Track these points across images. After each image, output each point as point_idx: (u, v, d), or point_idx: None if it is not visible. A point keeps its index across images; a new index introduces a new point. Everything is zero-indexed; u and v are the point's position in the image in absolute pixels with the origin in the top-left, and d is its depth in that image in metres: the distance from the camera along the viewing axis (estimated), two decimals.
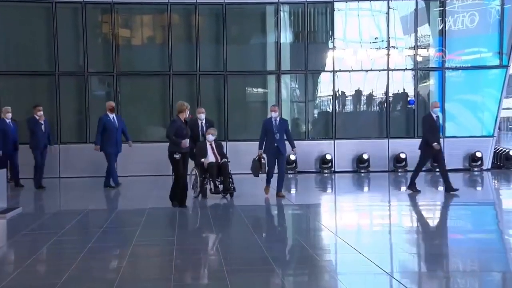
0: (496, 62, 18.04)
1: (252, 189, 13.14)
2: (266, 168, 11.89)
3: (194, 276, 6.47)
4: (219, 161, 11.95)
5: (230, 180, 11.91)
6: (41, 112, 14.19)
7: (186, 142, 10.69)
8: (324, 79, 18.61)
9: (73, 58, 17.79)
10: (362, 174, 17.10)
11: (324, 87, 18.63)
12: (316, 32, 19.02)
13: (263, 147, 11.97)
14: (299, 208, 10.39)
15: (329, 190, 14.72)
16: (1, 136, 14.22)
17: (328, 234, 8.66)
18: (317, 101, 18.94)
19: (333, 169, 17.57)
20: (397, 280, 6.16)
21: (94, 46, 17.88)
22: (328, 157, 17.54)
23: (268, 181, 12.13)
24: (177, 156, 10.66)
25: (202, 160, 11.90)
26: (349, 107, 18.93)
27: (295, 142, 12.40)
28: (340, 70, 18.22)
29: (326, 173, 17.27)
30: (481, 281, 6.21)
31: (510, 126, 62.53)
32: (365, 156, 17.33)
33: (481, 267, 6.77)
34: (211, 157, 11.95)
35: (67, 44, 17.55)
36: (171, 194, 10.97)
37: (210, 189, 11.99)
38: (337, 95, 18.31)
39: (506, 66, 17.94)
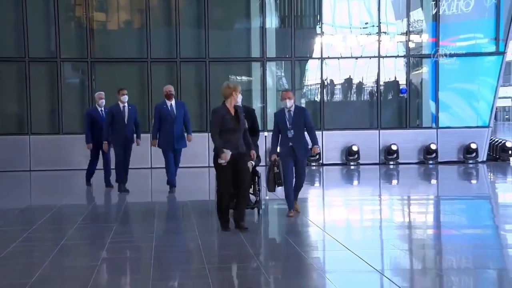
0: (492, 48, 18.14)
1: None
2: (282, 179, 9.04)
3: (174, 274, 6.44)
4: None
5: (258, 189, 9.37)
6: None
7: (227, 154, 7.92)
8: (312, 66, 18.61)
9: (44, 43, 17.65)
10: (352, 167, 17.15)
11: (312, 75, 18.63)
12: (304, 16, 19.02)
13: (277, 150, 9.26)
14: (285, 203, 10.38)
15: (316, 184, 14.73)
16: (89, 126, 12.85)
17: (315, 230, 8.66)
18: (304, 90, 18.95)
19: (321, 161, 17.61)
20: (388, 278, 6.18)
21: (67, 31, 17.74)
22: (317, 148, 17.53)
23: (289, 202, 9.25)
24: (222, 161, 7.97)
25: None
26: (338, 96, 18.96)
27: None
28: (328, 57, 18.24)
29: (313, 166, 17.29)
30: (476, 278, 6.25)
31: (506, 116, 63.02)
32: (355, 148, 17.38)
33: (476, 264, 6.81)
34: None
35: (37, 28, 17.41)
36: (218, 213, 8.35)
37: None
38: (326, 83, 18.32)
39: (503, 53, 18.04)
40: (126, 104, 12.04)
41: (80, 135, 17.31)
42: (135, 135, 12.29)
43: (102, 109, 12.74)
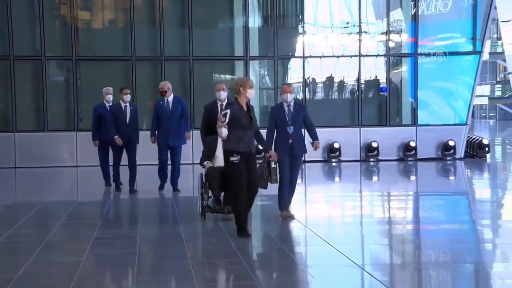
0: (470, 48, 18.25)
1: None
2: (277, 176, 8.36)
3: (158, 270, 6.43)
4: None
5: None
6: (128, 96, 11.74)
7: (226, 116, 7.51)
8: (294, 65, 18.63)
9: (29, 41, 17.50)
10: (333, 164, 17.19)
11: (294, 74, 18.64)
12: (286, 16, 19.02)
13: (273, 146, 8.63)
14: (268, 199, 10.39)
15: (299, 181, 14.72)
16: (96, 123, 12.18)
17: (298, 226, 8.67)
18: None
19: (302, 158, 17.58)
20: (368, 272, 6.20)
21: (52, 29, 17.62)
22: None
23: (281, 202, 8.75)
24: (234, 158, 7.47)
25: (205, 163, 8.79)
26: (319, 95, 18.99)
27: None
28: (310, 56, 18.26)
29: None
30: (453, 272, 6.29)
31: (483, 114, 63.47)
32: (336, 145, 17.42)
33: (453, 259, 6.85)
34: (219, 159, 8.57)
35: (22, 27, 17.25)
36: (236, 217, 7.70)
37: (208, 206, 8.69)
38: (307, 82, 18.34)
39: (480, 52, 18.16)
40: (128, 104, 11.55)
41: (65, 132, 17.34)
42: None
43: (110, 104, 12.00)
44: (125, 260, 6.75)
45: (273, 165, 8.21)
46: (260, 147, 8.43)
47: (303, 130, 8.83)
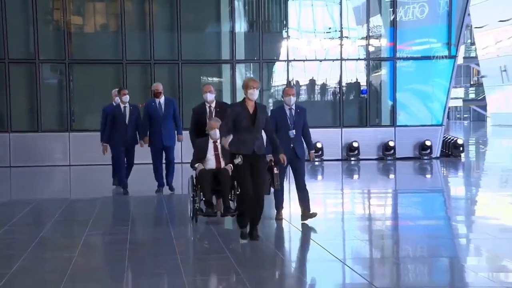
0: (445, 52, 18.34)
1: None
2: (278, 183, 7.60)
3: (148, 266, 6.41)
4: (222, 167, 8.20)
5: (234, 196, 8.18)
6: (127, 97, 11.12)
7: (227, 140, 6.97)
8: (279, 68, 18.63)
9: (23, 45, 17.40)
10: (316, 163, 17.21)
11: (279, 77, 18.65)
12: (271, 21, 19.03)
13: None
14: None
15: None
16: (105, 124, 11.32)
17: (282, 222, 8.67)
18: (271, 90, 18.97)
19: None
20: (349, 266, 6.22)
21: (46, 33, 17.53)
22: None
23: (278, 205, 8.39)
24: (237, 160, 7.01)
25: (196, 165, 8.30)
26: (303, 97, 19.01)
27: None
28: (294, 60, 18.27)
29: None
30: (430, 266, 6.32)
31: (458, 115, 63.85)
32: (319, 145, 17.44)
33: (430, 253, 6.89)
34: (211, 162, 8.28)
35: (17, 31, 17.16)
36: (238, 217, 7.39)
37: (200, 209, 8.17)
38: (291, 84, 18.34)
39: (455, 57, 18.27)
40: (127, 105, 10.96)
41: (58, 132, 17.24)
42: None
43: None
44: (116, 256, 6.73)
45: (275, 171, 7.46)
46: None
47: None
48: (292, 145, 8.03)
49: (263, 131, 7.18)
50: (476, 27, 47.72)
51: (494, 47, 46.69)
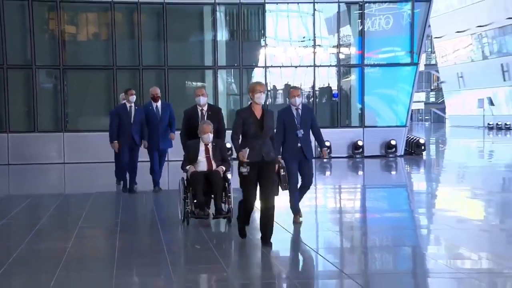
0: (408, 60, 18.48)
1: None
2: (286, 184, 6.95)
3: (137, 257, 6.36)
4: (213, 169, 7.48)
5: (225, 198, 7.47)
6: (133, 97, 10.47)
7: (244, 153, 6.13)
8: (257, 74, 18.62)
9: (21, 52, 17.22)
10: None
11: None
12: (250, 31, 19.00)
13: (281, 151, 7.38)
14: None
15: None
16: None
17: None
18: None
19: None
20: (321, 256, 6.22)
21: (41, 41, 17.35)
22: None
23: (295, 206, 7.64)
24: (244, 169, 6.19)
25: (187, 167, 7.54)
26: (279, 100, 19.04)
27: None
28: (271, 66, 18.28)
29: None
30: (395, 255, 6.36)
31: (420, 117, 64.39)
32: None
33: (394, 243, 6.92)
34: (202, 164, 7.53)
35: (15, 39, 16.98)
36: (239, 225, 6.71)
37: (192, 211, 7.40)
38: (269, 88, 18.37)
39: (417, 64, 18.41)
40: (132, 105, 10.33)
41: (53, 133, 17.08)
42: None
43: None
44: (107, 247, 6.67)
45: (282, 172, 6.85)
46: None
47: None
48: (299, 145, 7.43)
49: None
50: (435, 37, 48.14)
51: (452, 55, 47.15)
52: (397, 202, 10.40)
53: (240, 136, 6.30)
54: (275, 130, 6.81)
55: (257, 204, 6.52)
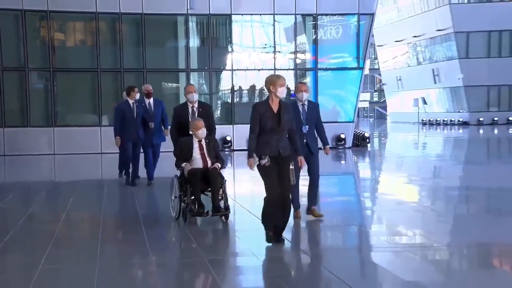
0: (355, 64, 18.65)
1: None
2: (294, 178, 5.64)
3: (118, 236, 6.28)
4: (209, 166, 6.59)
5: (222, 195, 6.64)
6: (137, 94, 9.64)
7: (265, 162, 5.35)
8: (225, 76, 18.55)
9: (15, 56, 16.85)
10: None
11: (225, 83, 18.57)
12: (218, 38, 18.91)
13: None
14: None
15: (229, 165, 14.72)
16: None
17: (229, 201, 8.62)
18: (219, 94, 18.87)
19: (232, 147, 17.61)
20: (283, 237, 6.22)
21: (34, 47, 17.02)
22: (228, 138, 17.58)
23: (295, 202, 6.68)
24: (264, 161, 5.35)
25: (183, 165, 6.59)
26: (245, 99, 19.02)
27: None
28: (238, 69, 18.24)
29: (226, 151, 17.27)
30: (343, 233, 6.42)
31: (365, 114, 65.18)
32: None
33: (344, 222, 6.98)
34: (197, 161, 6.62)
35: (10, 44, 16.64)
36: (262, 219, 5.66)
37: (191, 209, 6.48)
38: (235, 89, 18.33)
39: (362, 68, 18.61)
40: (134, 101, 9.51)
41: (45, 128, 16.76)
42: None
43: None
44: (92, 227, 6.56)
45: (291, 166, 5.56)
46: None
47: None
48: (305, 140, 6.66)
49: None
50: (378, 45, 48.74)
51: (391, 61, 47.81)
52: (346, 187, 10.49)
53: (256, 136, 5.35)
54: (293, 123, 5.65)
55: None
